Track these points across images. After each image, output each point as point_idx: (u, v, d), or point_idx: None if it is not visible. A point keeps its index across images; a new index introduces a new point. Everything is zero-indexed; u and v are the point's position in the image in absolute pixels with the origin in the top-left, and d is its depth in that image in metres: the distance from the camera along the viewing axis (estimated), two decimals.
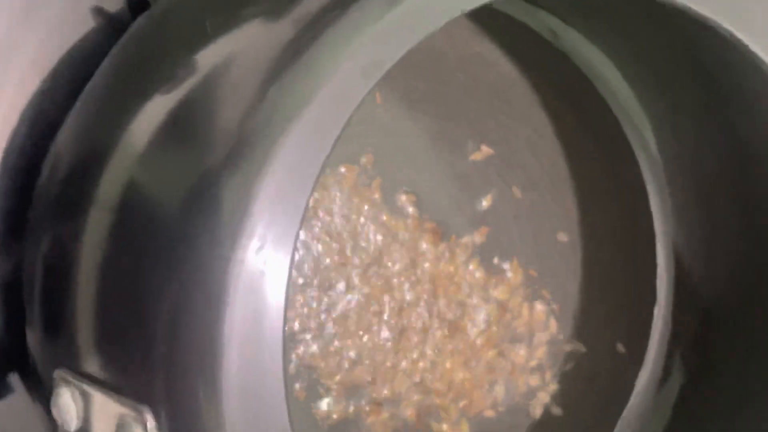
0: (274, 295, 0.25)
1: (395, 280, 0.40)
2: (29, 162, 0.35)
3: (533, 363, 0.42)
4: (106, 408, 0.26)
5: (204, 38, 0.30)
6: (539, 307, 0.42)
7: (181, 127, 0.29)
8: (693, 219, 0.40)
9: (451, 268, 0.41)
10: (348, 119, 0.26)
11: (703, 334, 0.40)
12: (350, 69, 0.26)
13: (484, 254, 0.41)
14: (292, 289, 0.36)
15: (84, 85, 0.34)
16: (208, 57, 0.30)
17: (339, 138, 0.26)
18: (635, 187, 0.41)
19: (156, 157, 0.29)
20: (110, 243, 0.29)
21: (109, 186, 0.30)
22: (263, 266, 0.25)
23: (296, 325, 0.37)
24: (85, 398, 0.27)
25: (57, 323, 0.29)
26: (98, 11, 0.37)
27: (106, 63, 0.34)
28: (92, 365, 0.28)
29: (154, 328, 0.26)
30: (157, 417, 0.25)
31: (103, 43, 0.35)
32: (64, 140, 0.33)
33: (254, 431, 0.25)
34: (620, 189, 0.41)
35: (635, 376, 0.40)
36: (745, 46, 0.31)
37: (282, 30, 0.29)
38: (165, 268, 0.26)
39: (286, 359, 0.25)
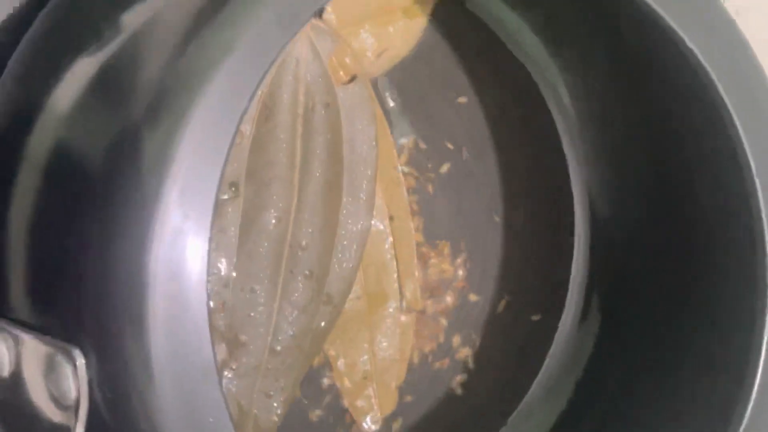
0: (197, 236, 0.26)
1: None
2: None
3: (446, 322, 0.43)
4: (37, 350, 0.27)
5: None
6: (457, 263, 0.43)
7: (106, 82, 0.30)
8: (606, 172, 0.42)
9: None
10: (267, 69, 0.28)
11: (616, 282, 0.42)
12: (267, 21, 0.27)
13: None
14: None
15: None
16: (130, 15, 0.31)
17: (257, 89, 0.28)
18: (551, 144, 0.42)
19: (82, 113, 0.30)
20: (39, 194, 0.30)
21: (37, 142, 0.31)
22: (186, 209, 0.26)
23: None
24: (17, 342, 0.28)
25: None
26: None
27: (32, 28, 0.35)
28: (22, 311, 0.29)
29: (81, 272, 0.27)
30: (86, 356, 0.27)
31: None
32: None
33: (180, 366, 0.26)
34: (537, 146, 0.43)
35: (555, 326, 0.42)
36: (650, 8, 0.32)
37: None
38: (91, 216, 0.27)
39: (209, 296, 0.26)
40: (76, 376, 0.26)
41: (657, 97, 0.37)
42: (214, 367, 0.26)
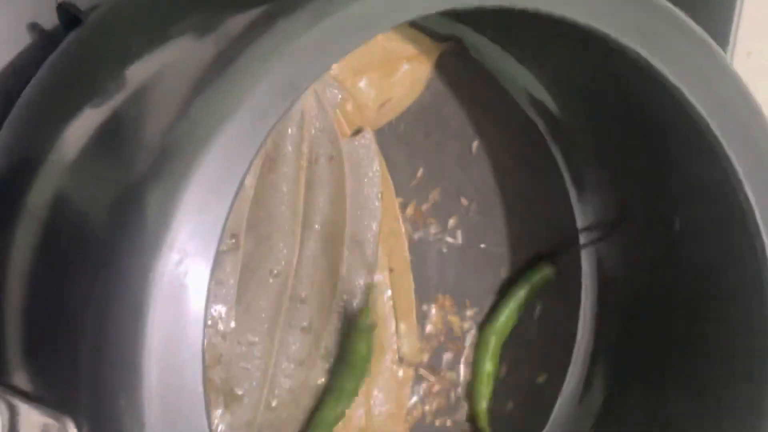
0: (194, 306, 0.26)
1: None
2: None
3: (450, 378, 0.42)
4: (30, 419, 0.27)
5: (132, 54, 0.31)
6: (461, 323, 0.43)
7: (108, 139, 0.30)
8: (614, 228, 0.41)
9: None
10: (266, 136, 0.27)
11: (622, 344, 0.41)
12: (269, 88, 0.27)
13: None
14: None
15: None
16: (135, 72, 0.31)
17: (257, 153, 0.27)
18: (560, 197, 0.42)
19: (83, 169, 0.30)
20: (36, 254, 0.30)
21: (37, 197, 0.31)
22: (183, 278, 0.26)
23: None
24: (11, 410, 0.27)
25: None
26: (34, 27, 0.37)
27: (37, 76, 0.35)
28: (18, 377, 0.28)
29: (77, 339, 0.27)
30: (79, 427, 0.26)
31: (39, 59, 0.36)
32: None
33: None
34: (546, 201, 0.43)
35: (558, 391, 0.42)
36: (653, 68, 0.32)
37: (206, 47, 0.30)
38: (89, 279, 0.27)
39: (204, 369, 0.26)
40: None
41: (664, 155, 0.37)
42: None
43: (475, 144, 0.42)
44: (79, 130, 0.31)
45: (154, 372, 0.25)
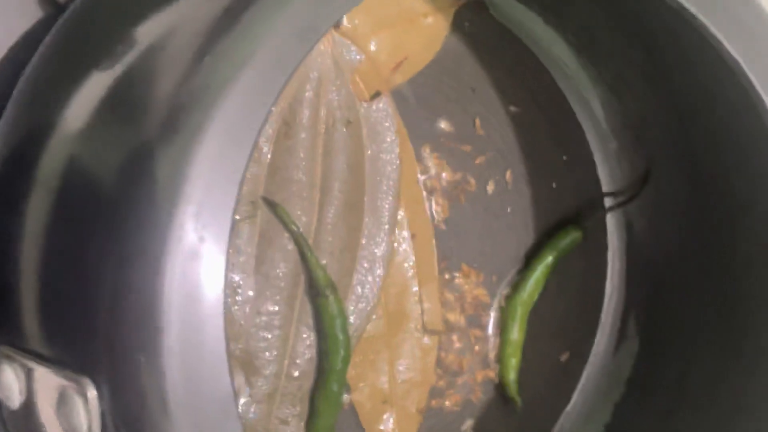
0: (213, 261, 0.25)
1: None
2: None
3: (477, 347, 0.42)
4: (48, 381, 0.26)
5: (140, 12, 0.30)
6: (487, 292, 0.42)
7: (119, 99, 0.29)
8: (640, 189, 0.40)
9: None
10: (285, 83, 0.26)
11: (654, 301, 0.40)
12: (286, 33, 0.26)
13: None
14: None
15: None
16: (144, 30, 0.30)
17: (275, 102, 0.27)
18: (584, 159, 0.41)
19: (94, 131, 0.29)
20: (50, 218, 0.29)
21: (49, 162, 0.30)
22: (202, 232, 0.25)
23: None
24: (28, 373, 0.27)
25: None
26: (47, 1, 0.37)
27: (45, 42, 0.34)
28: (34, 340, 0.28)
29: (94, 300, 0.26)
30: (98, 387, 0.25)
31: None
32: (6, 121, 0.33)
33: (196, 398, 0.25)
34: (569, 162, 0.42)
35: (590, 345, 0.41)
36: (690, 15, 0.31)
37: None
38: (104, 240, 0.26)
39: (226, 324, 0.25)
40: (87, 408, 0.25)
41: (696, 108, 0.36)
42: (233, 400, 0.25)
43: (495, 106, 0.41)
44: (89, 94, 0.30)
45: (174, 328, 0.24)
